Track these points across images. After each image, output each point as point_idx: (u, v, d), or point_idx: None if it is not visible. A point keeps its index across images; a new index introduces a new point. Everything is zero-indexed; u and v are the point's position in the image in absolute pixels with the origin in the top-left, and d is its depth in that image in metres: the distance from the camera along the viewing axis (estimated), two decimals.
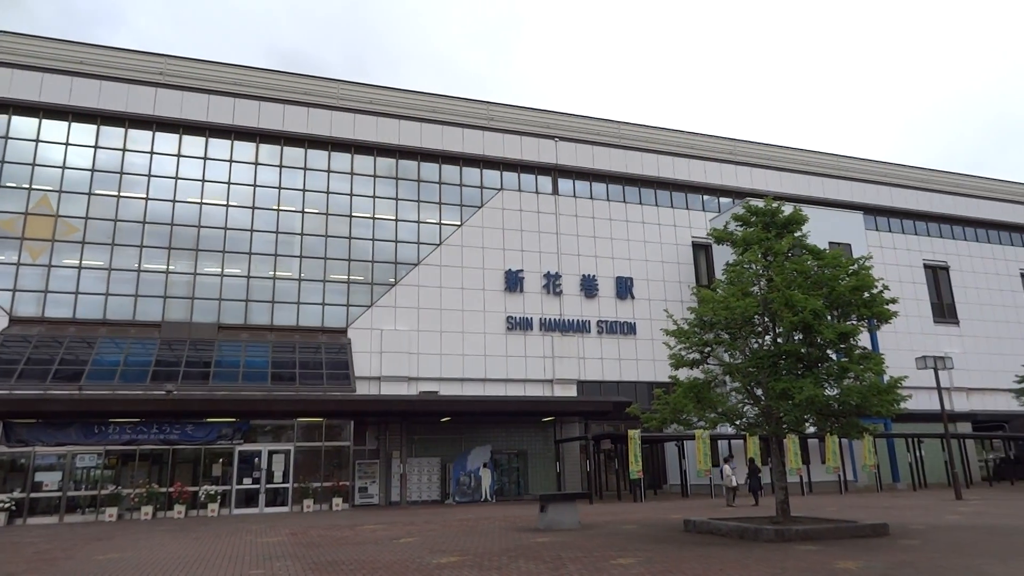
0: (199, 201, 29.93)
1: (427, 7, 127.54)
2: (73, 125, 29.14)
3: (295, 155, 31.88)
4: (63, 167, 28.56)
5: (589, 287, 34.38)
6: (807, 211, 16.93)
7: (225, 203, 30.29)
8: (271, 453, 25.89)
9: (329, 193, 31.85)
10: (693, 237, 37.24)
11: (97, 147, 29.21)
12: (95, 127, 29.37)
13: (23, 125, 28.67)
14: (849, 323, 14.81)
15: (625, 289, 35.05)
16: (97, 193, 28.71)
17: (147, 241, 28.78)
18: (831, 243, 32.20)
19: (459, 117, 35.14)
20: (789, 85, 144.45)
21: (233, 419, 25.42)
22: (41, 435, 23.56)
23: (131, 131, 29.80)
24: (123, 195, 29.01)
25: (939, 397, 26.16)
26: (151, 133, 30.03)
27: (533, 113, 37.05)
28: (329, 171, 32.14)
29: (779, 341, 15.07)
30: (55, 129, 28.94)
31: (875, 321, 14.97)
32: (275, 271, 30.16)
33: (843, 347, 14.60)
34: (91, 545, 15.03)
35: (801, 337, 14.77)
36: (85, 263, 27.82)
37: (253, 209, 30.58)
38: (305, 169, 31.85)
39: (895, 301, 14.98)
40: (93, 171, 28.89)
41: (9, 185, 27.85)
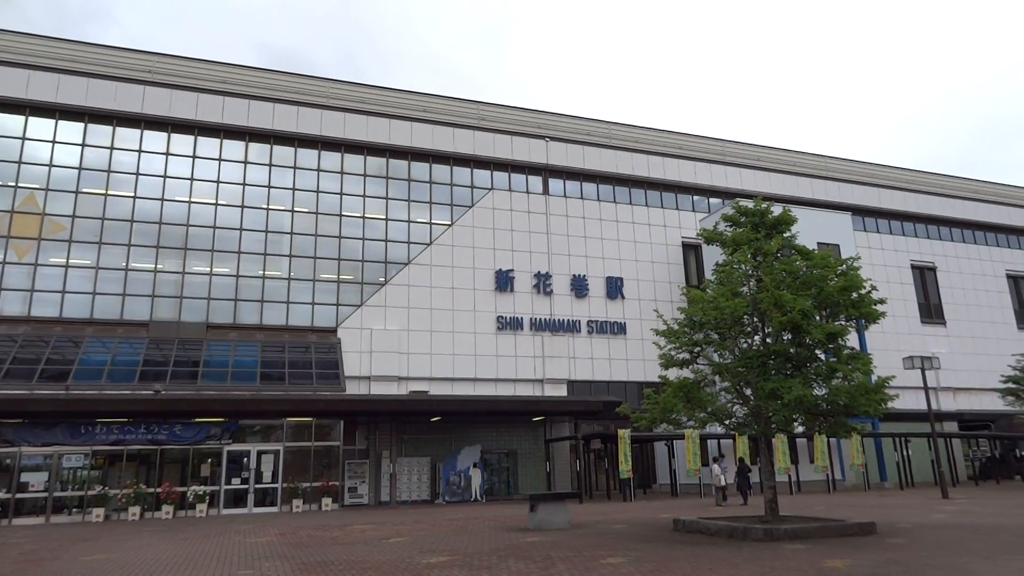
0: (188, 200, 29.75)
1: (420, 6, 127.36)
2: (60, 123, 28.90)
3: (285, 154, 31.75)
4: (50, 165, 28.32)
5: (579, 287, 34.43)
6: (796, 212, 17.02)
7: (214, 202, 30.12)
8: (260, 453, 25.77)
9: (319, 192, 31.74)
10: (683, 237, 37.37)
11: (84, 145, 28.99)
12: (82, 125, 29.14)
13: (9, 122, 28.40)
14: (837, 323, 14.90)
15: (615, 289, 35.12)
16: (84, 191, 28.49)
17: (135, 240, 28.58)
18: (820, 244, 32.40)
19: (450, 117, 35.11)
20: (779, 86, 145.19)
21: (222, 419, 25.28)
22: (27, 435, 23.34)
23: (119, 129, 29.59)
24: (111, 193, 28.80)
25: (926, 397, 26.38)
26: (139, 131, 29.82)
27: (524, 113, 37.06)
28: (319, 170, 32.03)
29: (768, 341, 15.14)
30: (42, 127, 28.68)
31: (863, 321, 15.08)
32: (264, 270, 30.03)
33: (831, 347, 14.68)
34: (78, 546, 14.91)
35: (790, 337, 14.85)
36: (72, 262, 27.59)
37: (242, 208, 30.43)
38: (295, 168, 31.72)
39: (883, 301, 15.08)
40: (80, 169, 28.66)
41: None
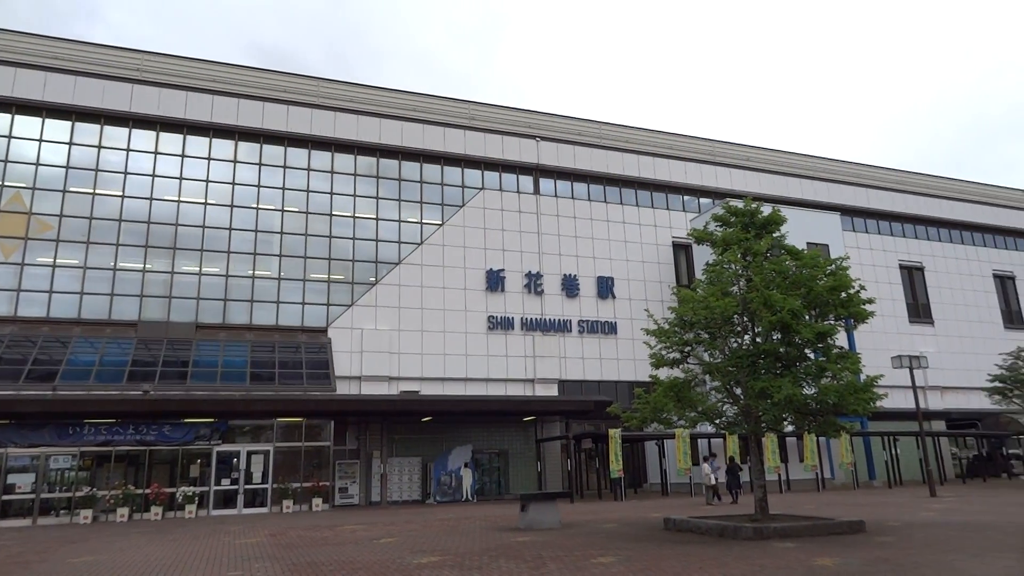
0: (176, 199, 29.55)
1: (411, 5, 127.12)
2: (47, 121, 28.64)
3: (275, 153, 31.59)
4: (36, 164, 28.06)
5: (570, 287, 34.45)
6: (785, 212, 17.08)
7: (203, 201, 29.92)
8: (250, 454, 25.64)
9: (309, 192, 31.61)
10: (673, 237, 37.46)
11: (72, 144, 28.74)
12: (70, 123, 28.89)
13: None
14: (827, 323, 14.96)
15: (606, 289, 35.17)
16: (72, 190, 28.24)
17: (123, 239, 28.36)
18: (809, 243, 32.56)
19: (441, 116, 35.04)
20: (769, 87, 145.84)
21: (211, 419, 25.12)
22: (14, 436, 23.10)
23: (107, 128, 29.35)
24: (99, 193, 28.57)
25: (914, 396, 26.56)
26: (127, 130, 29.58)
27: (515, 113, 37.04)
28: (309, 169, 31.90)
29: (758, 340, 15.18)
30: (28, 125, 28.40)
31: (852, 321, 15.15)
32: (254, 270, 29.87)
33: (821, 346, 14.75)
34: (65, 548, 14.79)
35: (780, 337, 14.90)
36: (59, 261, 27.35)
37: (232, 207, 30.25)
38: (285, 167, 31.57)
39: (872, 301, 15.17)
40: (68, 168, 28.41)
41: None
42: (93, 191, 28.51)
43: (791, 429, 16.94)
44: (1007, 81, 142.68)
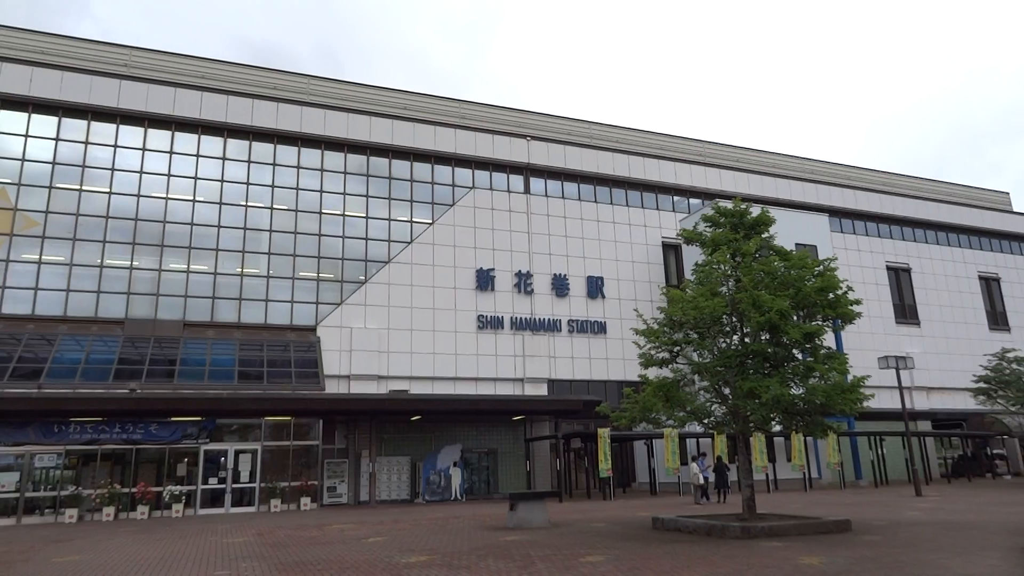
0: (164, 196, 29.33)
1: (402, 1, 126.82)
2: (33, 116, 28.35)
3: (264, 151, 31.41)
4: (22, 159, 27.77)
5: (560, 286, 34.49)
6: (774, 213, 17.18)
7: (191, 199, 29.72)
8: (238, 452, 25.50)
9: (299, 189, 31.47)
10: (663, 237, 37.57)
11: (58, 139, 28.46)
12: (56, 119, 28.61)
13: None
14: (814, 323, 15.05)
15: (596, 288, 35.23)
16: (58, 187, 27.97)
17: (110, 236, 28.12)
18: (797, 244, 32.73)
19: (431, 115, 34.98)
20: (758, 88, 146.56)
21: (199, 418, 24.97)
22: None
23: (94, 124, 29.08)
24: (85, 189, 28.31)
25: (900, 396, 26.76)
26: (115, 126, 29.33)
27: (506, 112, 37.01)
28: (299, 167, 31.74)
29: (747, 341, 15.25)
30: (14, 120, 28.09)
31: (839, 321, 15.25)
32: (243, 268, 29.70)
33: (808, 347, 14.84)
34: (50, 547, 14.67)
35: (768, 337, 14.98)
36: (45, 258, 27.09)
37: (220, 205, 30.06)
38: (274, 165, 31.41)
39: (859, 302, 15.27)
40: (54, 164, 28.13)
41: None
42: (80, 187, 28.25)
43: (779, 429, 17.03)
44: (993, 85, 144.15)
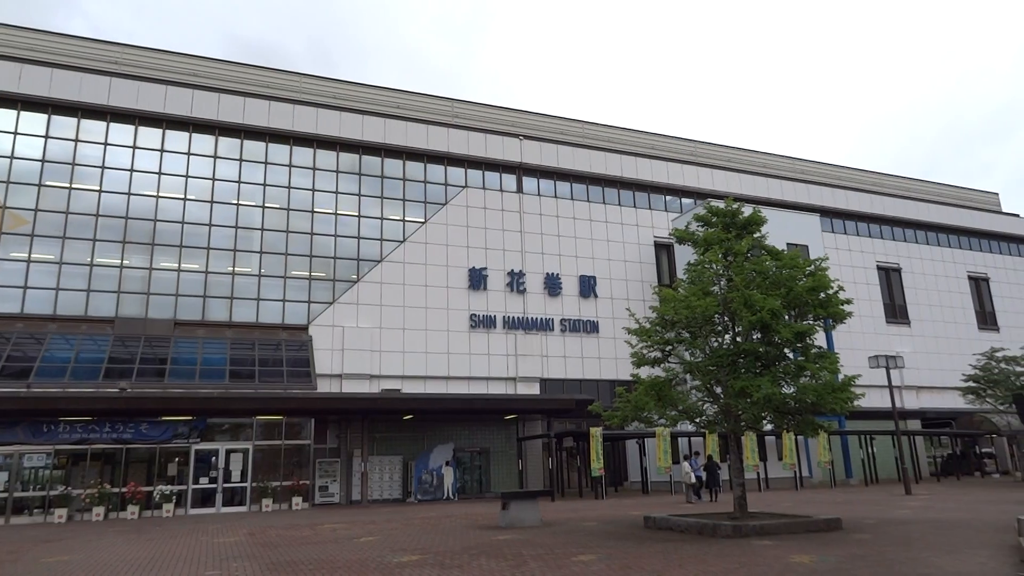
0: (155, 195, 29.16)
1: None
2: (22, 114, 28.14)
3: (256, 149, 31.28)
4: (11, 157, 27.55)
5: (553, 285, 34.50)
6: (766, 212, 17.23)
7: (182, 197, 29.56)
8: (229, 452, 25.41)
9: (291, 188, 31.35)
10: (655, 237, 37.64)
11: (48, 137, 28.26)
12: (45, 116, 28.40)
13: None
14: (806, 323, 15.10)
15: (588, 288, 35.26)
16: (48, 184, 27.76)
17: (100, 235, 27.95)
18: (789, 244, 32.85)
19: (424, 113, 34.91)
20: (751, 88, 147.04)
21: (190, 417, 24.86)
22: None
23: (84, 121, 28.88)
24: (75, 187, 28.12)
25: (890, 395, 26.91)
26: (105, 124, 29.14)
27: (498, 111, 36.99)
28: (291, 166, 31.63)
29: (738, 340, 15.29)
30: (3, 117, 27.86)
31: (830, 321, 15.31)
32: (234, 267, 29.57)
33: (800, 346, 14.89)
34: (39, 547, 14.56)
35: (759, 336, 15.02)
36: (34, 256, 26.89)
37: (212, 203, 29.91)
38: (266, 163, 31.28)
39: (850, 302, 15.32)
40: (43, 162, 27.93)
41: None
42: (69, 185, 28.05)
43: (770, 428, 17.09)
44: (984, 86, 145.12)
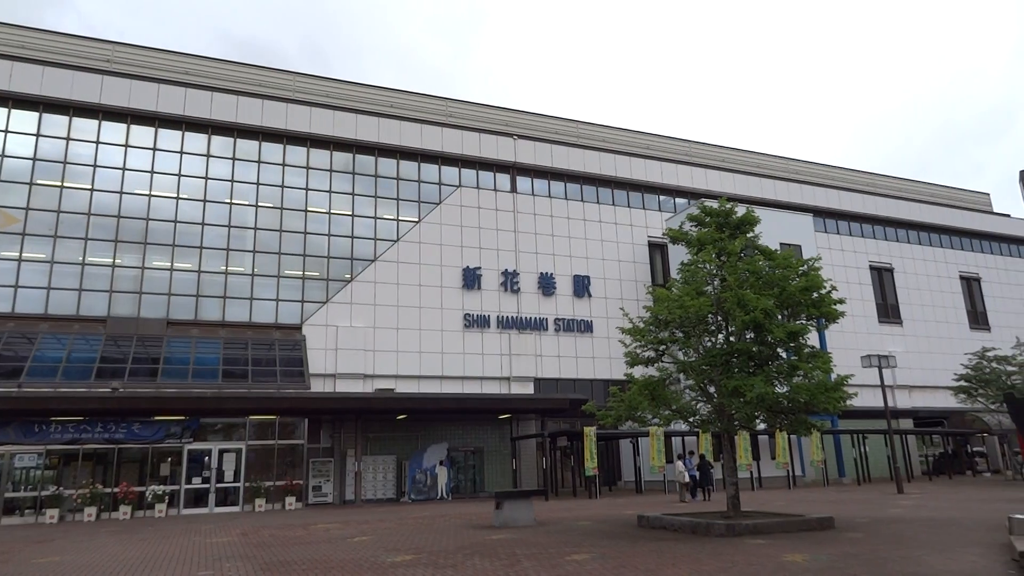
0: (147, 193, 29.03)
1: None
2: (13, 112, 27.96)
3: (249, 148, 31.17)
4: (2, 155, 27.36)
5: (547, 285, 34.51)
6: (759, 212, 17.25)
7: (175, 196, 29.44)
8: (222, 452, 25.32)
9: (284, 187, 31.26)
10: (649, 237, 37.69)
11: (39, 135, 28.09)
12: (37, 114, 28.23)
13: None
14: (799, 322, 15.14)
15: (582, 287, 35.28)
16: (39, 183, 27.61)
17: (92, 234, 27.80)
18: (782, 244, 32.96)
19: (418, 113, 34.86)
20: (744, 89, 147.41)
21: (182, 417, 24.77)
22: None
23: (76, 119, 28.72)
24: (67, 186, 27.96)
25: (883, 395, 27.01)
26: (97, 122, 28.99)
27: (492, 111, 36.96)
28: (284, 165, 31.54)
29: (732, 340, 15.33)
30: None
31: (823, 320, 15.36)
32: (227, 266, 29.46)
33: (793, 346, 14.93)
34: (30, 548, 14.48)
35: (753, 336, 15.06)
36: (26, 255, 26.74)
37: (204, 202, 29.80)
38: (259, 162, 31.18)
39: (842, 301, 15.39)
40: (35, 160, 27.76)
41: None
42: (61, 184, 27.89)
43: (763, 427, 17.14)
44: (975, 87, 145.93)
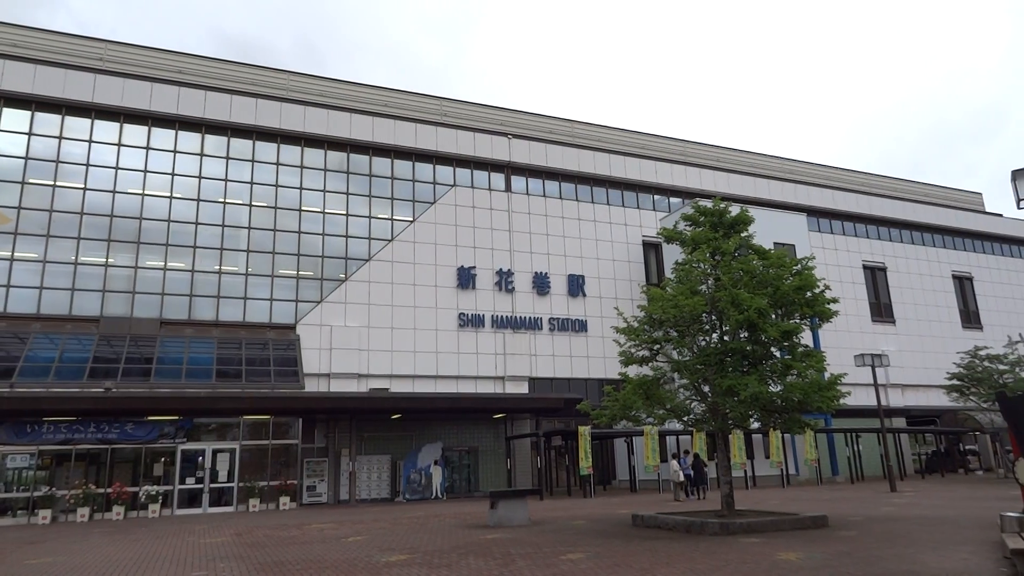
0: (141, 193, 28.91)
1: None
2: (5, 110, 27.81)
3: (243, 147, 31.08)
4: None
5: (541, 284, 34.52)
6: (753, 212, 17.32)
7: (168, 195, 29.32)
8: (215, 452, 25.25)
9: (278, 186, 31.17)
10: (644, 236, 37.74)
11: (31, 134, 27.95)
12: (29, 113, 28.09)
13: None
14: (792, 322, 15.19)
15: (577, 287, 35.30)
16: (31, 182, 27.46)
17: (85, 233, 27.67)
18: (776, 243, 33.03)
19: (412, 112, 34.81)
20: (739, 88, 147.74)
21: (176, 417, 24.70)
22: None
23: (68, 118, 28.57)
24: (59, 185, 27.81)
25: (876, 393, 27.11)
26: (90, 121, 28.84)
27: (487, 110, 36.95)
28: (278, 164, 31.45)
29: (726, 339, 15.36)
30: None
31: (817, 320, 15.41)
32: (221, 266, 29.37)
33: (786, 345, 14.97)
34: (23, 549, 14.41)
35: (747, 335, 15.09)
36: (18, 255, 26.59)
37: (198, 202, 29.68)
38: (253, 161, 31.09)
39: (836, 301, 15.44)
40: (27, 159, 27.61)
41: None
42: (54, 183, 27.74)
43: (757, 426, 17.19)
44: (968, 87, 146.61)
